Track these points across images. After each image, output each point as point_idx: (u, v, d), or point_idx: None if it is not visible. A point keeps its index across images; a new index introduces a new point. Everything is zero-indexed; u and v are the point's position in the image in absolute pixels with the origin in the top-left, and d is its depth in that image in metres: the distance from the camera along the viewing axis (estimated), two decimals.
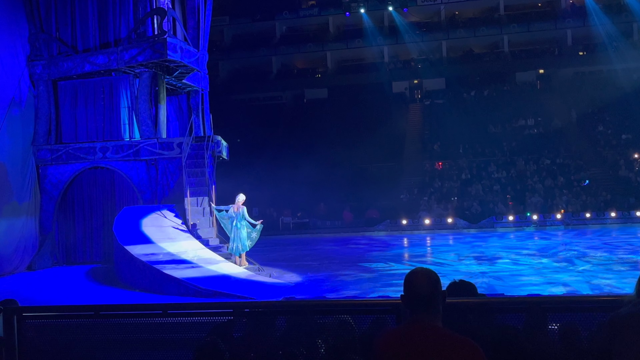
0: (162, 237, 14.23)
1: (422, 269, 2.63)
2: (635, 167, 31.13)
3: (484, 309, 3.25)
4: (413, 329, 2.52)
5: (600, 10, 38.29)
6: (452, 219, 28.36)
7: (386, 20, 41.95)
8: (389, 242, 23.15)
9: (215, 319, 3.67)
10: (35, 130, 17.39)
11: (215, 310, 3.74)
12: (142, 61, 16.62)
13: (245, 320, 3.68)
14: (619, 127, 34.11)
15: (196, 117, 19.04)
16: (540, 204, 29.03)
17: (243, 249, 14.45)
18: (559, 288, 11.30)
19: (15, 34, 17.11)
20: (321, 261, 17.27)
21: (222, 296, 11.08)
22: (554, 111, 35.87)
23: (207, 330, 3.60)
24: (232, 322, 3.70)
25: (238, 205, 14.47)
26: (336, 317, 3.57)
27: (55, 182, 17.28)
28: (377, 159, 33.11)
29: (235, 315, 3.68)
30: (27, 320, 3.63)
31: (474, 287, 3.77)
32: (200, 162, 16.30)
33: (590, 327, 3.12)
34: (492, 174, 32.29)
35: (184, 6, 18.85)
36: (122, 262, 13.74)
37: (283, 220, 30.58)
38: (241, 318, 3.69)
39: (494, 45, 41.86)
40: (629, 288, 3.09)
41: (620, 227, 25.63)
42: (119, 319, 3.69)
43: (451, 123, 35.49)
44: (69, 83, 17.74)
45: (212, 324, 3.65)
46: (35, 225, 16.86)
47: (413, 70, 41.74)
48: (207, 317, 3.67)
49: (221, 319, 3.67)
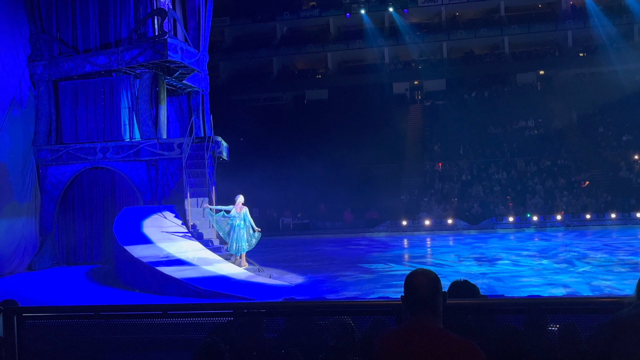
0: (162, 238, 14.24)
1: (422, 270, 2.63)
2: (635, 168, 31.12)
3: (484, 310, 3.25)
4: (413, 330, 2.51)
5: (600, 12, 38.29)
6: (453, 220, 28.35)
7: (387, 21, 41.97)
8: (389, 243, 23.15)
9: (215, 320, 3.67)
10: (35, 131, 17.40)
11: (215, 311, 3.74)
12: (143, 62, 16.62)
13: (245, 321, 3.68)
14: (619, 129, 34.10)
15: (196, 118, 19.05)
16: (540, 205, 29.03)
17: (244, 249, 14.47)
18: (559, 289, 11.30)
19: (16, 35, 17.12)
20: (321, 262, 17.26)
21: (222, 297, 11.08)
22: (554, 112, 35.87)
23: (207, 331, 3.60)
24: (233, 323, 3.70)
25: (239, 206, 14.48)
26: (336, 318, 3.57)
27: (56, 182, 17.28)
28: (377, 160, 33.11)
29: (235, 316, 3.68)
30: (27, 321, 3.63)
31: (476, 289, 3.77)
32: (201, 163, 16.30)
33: (591, 328, 3.12)
34: (492, 175, 32.28)
35: (184, 7, 18.86)
36: (122, 263, 13.74)
37: (283, 221, 30.58)
38: (241, 319, 3.69)
39: (494, 47, 41.86)
40: (629, 289, 3.09)
41: (620, 229, 25.61)
42: (119, 320, 3.69)
43: (452, 124, 35.49)
44: (69, 83, 17.75)
45: (212, 324, 3.65)
46: (36, 225, 16.86)
47: (413, 71, 41.75)
48: (207, 317, 3.67)
49: (221, 320, 3.67)
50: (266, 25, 43.10)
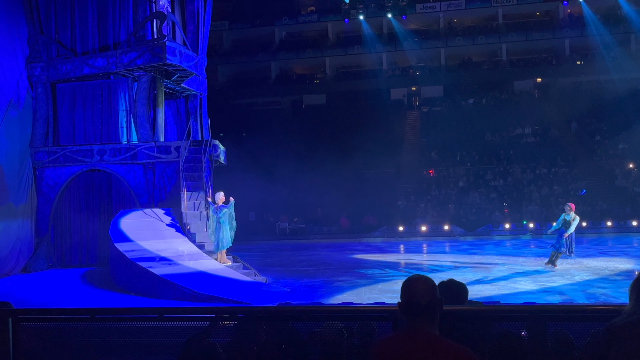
0: (159, 241, 14.20)
1: (419, 276, 2.63)
2: (631, 177, 31.22)
3: (480, 316, 3.25)
4: (410, 336, 2.52)
5: (598, 21, 38.49)
6: (449, 226, 28.38)
7: (385, 27, 42.08)
8: (386, 249, 23.14)
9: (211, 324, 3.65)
10: (32, 132, 17.36)
11: (211, 315, 3.73)
12: (141, 65, 16.63)
13: (239, 325, 3.67)
14: (615, 137, 34.21)
15: (194, 121, 19.05)
16: (536, 213, 29.08)
17: (226, 245, 14.54)
18: (555, 297, 11.31)
19: (14, 36, 17.11)
20: (317, 267, 17.24)
21: (218, 301, 11.05)
22: (551, 120, 35.98)
23: (203, 336, 3.59)
24: (228, 327, 3.69)
25: (219, 203, 14.56)
26: (332, 323, 3.57)
27: (52, 184, 17.23)
28: (374, 166, 33.13)
29: (231, 320, 3.67)
30: (22, 323, 3.61)
31: (463, 287, 3.75)
32: (198, 166, 16.29)
33: (586, 336, 3.12)
34: (489, 182, 32.34)
35: (183, 10, 18.89)
36: (118, 266, 13.70)
37: (280, 226, 30.56)
38: (235, 323, 3.68)
39: (492, 54, 42.01)
40: (625, 297, 3.10)
41: (616, 237, 25.67)
42: (115, 323, 3.68)
43: (449, 130, 35.57)
44: (67, 85, 17.72)
45: (207, 328, 3.64)
46: (31, 227, 16.81)
47: (411, 78, 41.86)
48: (203, 321, 3.65)
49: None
50: (265, 29, 43.17)
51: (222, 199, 14.81)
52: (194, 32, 18.76)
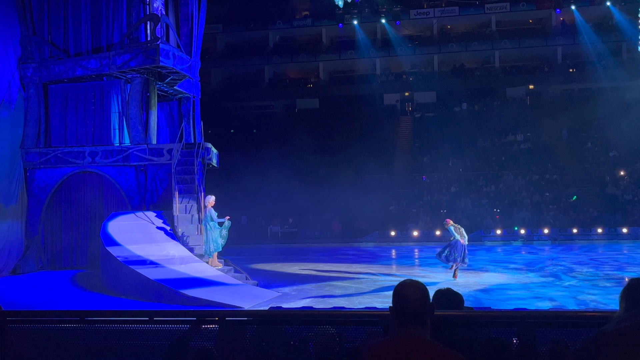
0: (150, 244, 14.14)
1: (411, 281, 2.63)
2: (621, 184, 31.43)
3: (471, 322, 3.26)
4: (401, 341, 2.52)
5: (590, 29, 38.80)
6: (441, 231, 28.43)
7: (379, 32, 42.22)
8: (377, 254, 23.15)
9: (202, 327, 3.64)
10: (24, 133, 17.25)
11: (201, 319, 3.71)
12: (134, 67, 16.57)
13: (228, 328, 3.65)
14: (606, 145, 34.46)
15: (187, 124, 18.99)
16: (527, 219, 29.20)
17: (216, 249, 14.56)
18: (546, 303, 11.35)
19: (6, 36, 17.02)
20: (309, 271, 17.22)
21: (209, 304, 11.02)
22: (543, 127, 36.20)
23: (193, 338, 3.58)
24: (216, 331, 3.68)
25: (208, 207, 14.64)
26: (322, 327, 3.56)
27: (43, 185, 17.13)
28: (367, 170, 33.18)
29: (221, 323, 3.65)
30: (11, 325, 3.58)
31: (460, 297, 3.75)
32: (190, 169, 16.24)
33: (576, 342, 3.14)
34: (480, 187, 32.46)
35: (177, 13, 18.86)
36: (109, 268, 13.62)
37: (272, 230, 30.53)
38: (225, 327, 3.66)
39: (485, 61, 42.23)
40: (614, 304, 3.12)
41: (606, 244, 25.82)
42: (105, 325, 3.66)
43: (441, 136, 35.69)
44: (59, 86, 17.63)
45: (195, 331, 3.62)
46: (21, 228, 16.68)
47: (404, 83, 42.00)
48: (193, 325, 3.64)
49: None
50: (259, 33, 43.20)
51: (211, 202, 14.81)
52: (187, 34, 18.73)
